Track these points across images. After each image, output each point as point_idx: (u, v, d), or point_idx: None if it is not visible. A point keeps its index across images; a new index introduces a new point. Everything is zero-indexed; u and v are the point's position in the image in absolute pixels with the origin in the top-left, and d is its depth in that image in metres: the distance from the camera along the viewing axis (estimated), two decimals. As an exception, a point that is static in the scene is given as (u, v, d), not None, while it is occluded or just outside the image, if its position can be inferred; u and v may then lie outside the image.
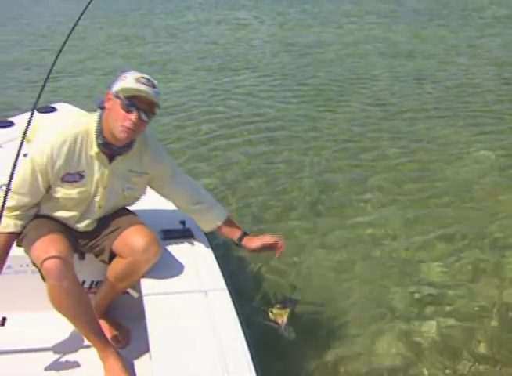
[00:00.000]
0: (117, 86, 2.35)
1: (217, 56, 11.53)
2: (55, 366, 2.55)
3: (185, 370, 2.02)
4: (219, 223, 2.76)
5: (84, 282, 2.85)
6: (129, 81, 2.34)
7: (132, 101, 2.31)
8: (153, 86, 2.36)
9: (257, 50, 12.02)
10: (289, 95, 8.51)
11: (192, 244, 2.78)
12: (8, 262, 2.50)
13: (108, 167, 2.47)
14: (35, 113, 4.53)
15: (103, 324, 2.71)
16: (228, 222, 2.79)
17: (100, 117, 2.43)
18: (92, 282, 2.87)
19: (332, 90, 8.72)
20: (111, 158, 2.47)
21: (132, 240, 2.50)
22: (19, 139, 4.02)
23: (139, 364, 2.59)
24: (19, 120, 4.52)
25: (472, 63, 10.27)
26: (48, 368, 2.54)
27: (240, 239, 2.75)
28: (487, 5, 17.72)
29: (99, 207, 2.56)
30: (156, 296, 2.42)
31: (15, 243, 2.50)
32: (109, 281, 2.61)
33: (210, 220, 2.77)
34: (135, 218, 2.68)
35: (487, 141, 6.31)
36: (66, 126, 2.43)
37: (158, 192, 2.74)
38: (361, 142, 6.39)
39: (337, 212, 4.77)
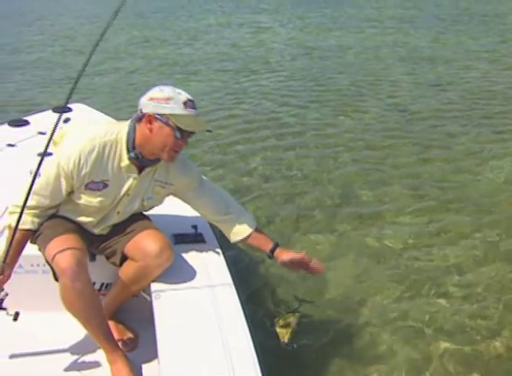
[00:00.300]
0: (163, 109, 2.30)
1: (237, 58, 11.58)
2: (63, 367, 2.53)
3: (191, 366, 2.02)
4: (247, 233, 2.65)
5: (94, 284, 2.81)
6: (177, 106, 2.31)
7: (185, 133, 2.33)
8: (196, 107, 2.38)
9: (277, 53, 12.03)
10: (308, 98, 8.47)
11: (203, 249, 2.75)
12: (19, 261, 2.47)
13: (137, 178, 2.45)
14: (50, 112, 4.61)
15: (112, 327, 2.68)
16: (258, 233, 2.68)
17: (132, 130, 2.38)
18: (102, 284, 2.84)
19: (351, 94, 8.66)
20: (140, 169, 2.45)
21: (145, 244, 2.47)
22: (36, 138, 4.10)
23: (147, 368, 2.56)
24: (35, 119, 4.53)
25: (493, 69, 10.16)
26: (56, 369, 2.52)
27: (273, 250, 2.62)
28: (508, 11, 17.58)
29: (118, 213, 2.54)
30: (165, 300, 2.40)
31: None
32: (119, 284, 2.59)
33: (238, 231, 2.65)
34: (148, 222, 2.66)
35: (509, 147, 6.20)
36: (96, 134, 2.37)
37: (186, 202, 2.69)
38: (379, 148, 6.31)
39: (355, 218, 4.69)
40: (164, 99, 2.30)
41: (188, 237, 2.82)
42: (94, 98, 8.34)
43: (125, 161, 2.38)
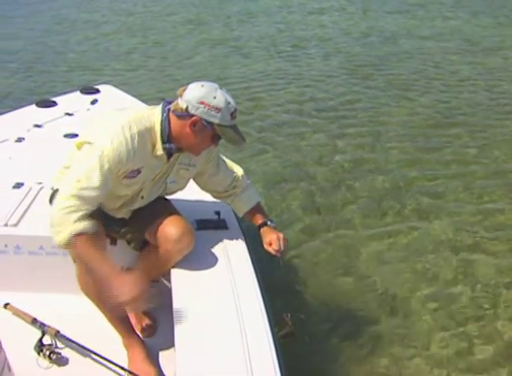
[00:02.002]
0: (212, 118, 2.30)
1: (292, 41, 11.40)
2: (79, 350, 2.53)
3: (208, 364, 1.99)
4: (246, 209, 2.71)
5: (114, 268, 2.83)
6: (226, 117, 2.32)
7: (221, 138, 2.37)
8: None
9: (334, 37, 11.78)
10: (361, 85, 8.30)
11: (225, 235, 2.73)
12: (40, 242, 2.49)
13: (166, 164, 2.45)
14: (78, 94, 4.64)
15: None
16: (257, 208, 2.72)
17: (167, 121, 2.37)
18: (122, 268, 2.83)
19: (406, 83, 8.40)
20: (168, 156, 2.44)
21: (166, 229, 2.46)
22: (63, 120, 4.13)
23: (165, 354, 2.56)
24: (62, 100, 4.56)
25: None
26: (71, 352, 2.53)
27: (259, 227, 2.66)
28: None
29: (142, 197, 2.53)
30: (185, 287, 2.39)
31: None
32: (139, 269, 2.57)
33: (239, 205, 2.73)
34: (171, 207, 2.66)
35: None
36: (132, 121, 2.31)
37: (197, 182, 2.72)
38: (434, 138, 6.13)
39: (401, 211, 4.66)
40: (215, 108, 2.29)
41: (210, 223, 2.80)
42: (143, 80, 8.44)
43: (160, 151, 2.36)
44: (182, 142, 2.37)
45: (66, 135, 3.84)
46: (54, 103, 4.53)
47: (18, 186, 3.14)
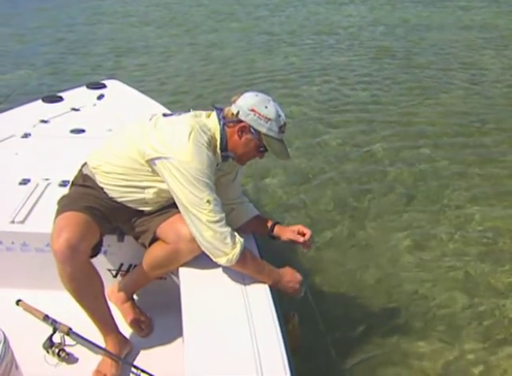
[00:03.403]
0: (260, 127, 2.35)
1: (318, 34, 11.44)
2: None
3: (217, 363, 1.98)
4: (251, 216, 2.71)
5: (122, 265, 2.86)
6: (274, 129, 2.38)
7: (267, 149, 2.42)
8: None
9: (361, 30, 11.77)
10: (390, 80, 8.28)
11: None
12: (47, 239, 2.50)
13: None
14: (84, 89, 4.66)
15: (127, 310, 2.73)
16: (260, 217, 2.75)
17: (223, 131, 2.42)
18: (130, 265, 2.86)
19: (436, 78, 8.32)
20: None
21: (180, 226, 2.42)
22: (69, 115, 4.14)
23: (171, 352, 2.58)
24: (69, 95, 4.57)
25: None
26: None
27: (272, 228, 2.67)
28: None
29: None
30: (193, 285, 2.39)
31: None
32: (145, 266, 2.58)
33: (243, 214, 2.70)
34: None
35: None
36: (204, 134, 2.36)
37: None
38: (465, 136, 6.08)
39: (428, 209, 4.64)
40: (265, 118, 2.35)
41: None
42: (177, 75, 8.47)
43: (219, 159, 2.44)
44: (234, 150, 2.43)
45: (72, 131, 3.86)
46: (60, 99, 4.54)
47: (25, 182, 3.16)
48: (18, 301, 2.75)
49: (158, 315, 2.79)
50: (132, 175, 2.45)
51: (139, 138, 2.41)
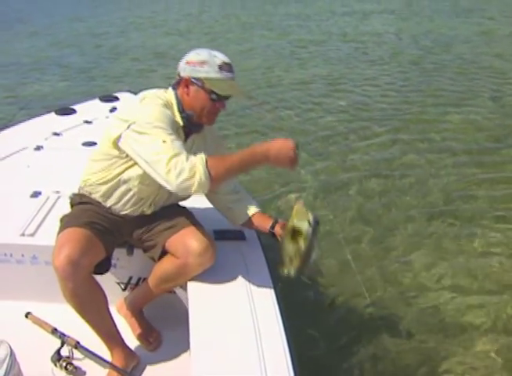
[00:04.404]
0: (198, 73, 2.39)
1: (342, 46, 11.62)
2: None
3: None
4: (252, 212, 2.67)
5: (131, 278, 2.88)
6: (212, 69, 2.38)
7: (221, 96, 2.40)
8: (233, 70, 2.45)
9: (384, 43, 11.91)
10: (415, 93, 8.32)
11: (243, 246, 2.76)
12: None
13: (185, 144, 2.43)
14: (97, 101, 4.72)
15: (135, 324, 2.76)
16: (261, 214, 2.70)
17: (177, 97, 2.47)
18: (140, 279, 2.89)
19: (462, 92, 8.32)
20: (186, 136, 2.50)
21: (189, 241, 2.46)
22: (81, 127, 4.20)
23: (177, 366, 2.60)
24: (81, 108, 4.63)
25: None
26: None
27: (273, 226, 2.59)
28: None
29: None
30: (201, 298, 2.41)
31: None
32: (153, 279, 2.61)
33: (244, 210, 2.68)
34: (193, 218, 2.67)
35: None
36: (159, 99, 2.42)
37: None
38: (491, 153, 6.01)
39: (455, 225, 4.61)
40: (198, 63, 2.39)
41: (228, 234, 2.82)
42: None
43: (180, 122, 2.45)
44: (190, 109, 2.44)
45: (84, 144, 3.90)
46: (73, 111, 4.60)
47: (35, 194, 3.20)
48: (27, 314, 2.78)
49: (166, 329, 2.82)
50: (110, 170, 2.48)
51: (106, 129, 2.48)
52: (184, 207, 2.77)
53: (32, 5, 23.75)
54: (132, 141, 2.28)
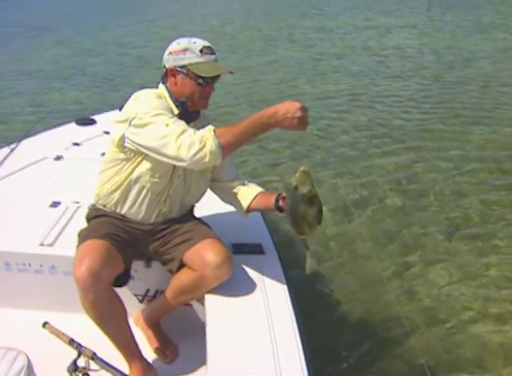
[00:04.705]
0: (181, 61, 2.47)
1: (362, 61, 11.65)
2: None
3: None
4: (256, 192, 2.66)
5: (148, 290, 2.89)
6: (194, 55, 2.47)
7: (207, 79, 2.48)
8: (215, 52, 2.52)
9: (407, 58, 11.91)
10: (435, 110, 8.27)
11: (262, 260, 2.75)
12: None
13: None
14: (117, 112, 4.74)
15: (152, 336, 2.76)
16: (264, 193, 2.69)
17: (167, 89, 2.56)
18: (157, 291, 2.89)
19: (484, 109, 8.23)
20: None
21: (206, 254, 2.48)
22: (101, 138, 4.23)
23: None
24: (102, 118, 4.66)
25: None
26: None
27: (277, 199, 2.51)
28: None
29: (178, 176, 2.58)
30: (219, 312, 2.41)
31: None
32: (170, 292, 2.62)
33: (248, 193, 2.68)
34: (210, 231, 2.69)
35: None
36: (146, 91, 2.52)
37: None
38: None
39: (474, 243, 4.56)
40: (180, 51, 2.49)
41: (247, 247, 2.82)
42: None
43: (175, 110, 2.51)
44: (182, 96, 2.52)
45: (104, 154, 3.92)
46: (93, 121, 4.65)
47: (55, 205, 3.23)
48: (44, 324, 2.79)
49: (183, 341, 2.82)
50: (119, 174, 2.54)
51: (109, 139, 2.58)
52: (200, 219, 2.79)
53: (58, 15, 24.16)
54: (137, 137, 2.35)
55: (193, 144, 2.18)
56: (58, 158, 3.94)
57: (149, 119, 2.31)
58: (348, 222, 4.92)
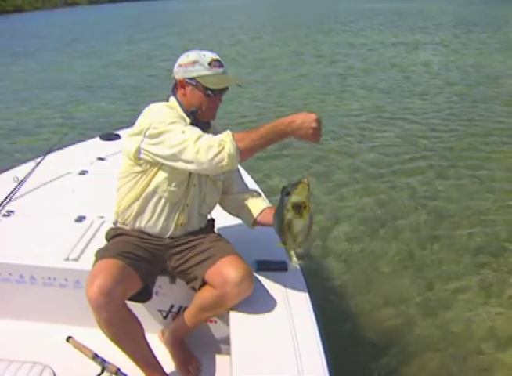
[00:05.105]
0: (191, 73, 2.56)
1: (388, 77, 11.70)
2: None
3: None
4: (263, 207, 2.76)
5: (172, 306, 2.90)
6: (203, 67, 2.55)
7: (215, 91, 2.55)
8: (223, 65, 2.60)
9: (433, 75, 11.92)
10: (462, 128, 8.26)
11: (285, 278, 2.75)
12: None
13: None
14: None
15: (176, 352, 2.76)
16: (271, 208, 2.74)
17: (177, 100, 2.65)
18: (181, 307, 2.91)
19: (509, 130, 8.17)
20: None
21: (226, 271, 2.50)
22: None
23: None
24: (126, 133, 4.69)
25: None
26: None
27: None
28: None
29: (194, 185, 2.63)
30: (243, 329, 2.41)
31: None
32: (193, 309, 2.65)
33: (256, 206, 2.78)
34: (230, 247, 2.71)
35: None
36: (164, 105, 2.58)
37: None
38: None
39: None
40: (190, 63, 2.58)
41: (271, 265, 2.82)
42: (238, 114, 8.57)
43: (188, 120, 2.58)
44: (192, 107, 2.60)
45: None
46: (117, 136, 4.70)
47: (80, 219, 3.27)
48: (68, 338, 2.82)
49: (206, 357, 2.82)
50: (136, 187, 2.61)
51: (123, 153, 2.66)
52: (219, 235, 2.83)
53: (87, 27, 24.64)
54: (153, 147, 2.42)
55: (212, 147, 2.26)
56: (83, 173, 3.99)
57: (165, 127, 2.38)
58: (372, 240, 4.91)
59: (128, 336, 2.42)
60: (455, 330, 3.67)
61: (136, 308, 2.48)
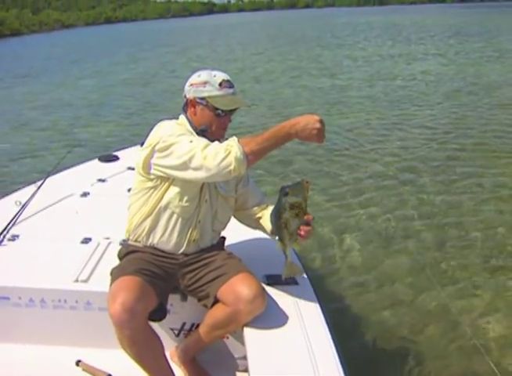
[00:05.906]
0: (201, 93, 2.65)
1: (390, 91, 11.78)
2: None
3: None
4: None
5: (184, 324, 2.92)
6: (213, 88, 2.63)
7: (225, 111, 2.63)
8: (233, 86, 2.68)
9: (431, 86, 12.04)
10: (463, 139, 8.30)
11: (296, 291, 2.78)
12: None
13: None
14: (139, 147, 4.81)
15: (188, 370, 2.78)
16: None
17: (187, 118, 2.72)
18: (193, 325, 2.93)
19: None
20: None
21: (239, 289, 2.53)
22: (125, 174, 4.29)
23: None
24: (124, 154, 4.74)
25: None
26: None
27: None
28: None
29: (206, 201, 2.67)
30: (259, 344, 2.42)
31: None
32: (205, 326, 2.66)
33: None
34: (241, 265, 2.74)
35: None
36: (173, 123, 2.66)
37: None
38: None
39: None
40: (201, 84, 2.65)
41: (281, 279, 2.83)
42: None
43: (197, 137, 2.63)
44: (203, 127, 2.66)
45: (129, 190, 3.98)
46: (116, 158, 4.73)
47: (86, 241, 3.29)
48: (78, 362, 2.81)
49: (220, 374, 2.83)
50: (148, 202, 2.66)
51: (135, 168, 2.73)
52: (231, 253, 2.84)
53: (87, 48, 24.79)
54: (163, 160, 2.49)
55: (219, 153, 2.34)
56: (84, 194, 4.02)
57: (173, 140, 2.47)
58: (382, 253, 4.92)
59: (150, 354, 2.44)
60: (472, 340, 3.64)
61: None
